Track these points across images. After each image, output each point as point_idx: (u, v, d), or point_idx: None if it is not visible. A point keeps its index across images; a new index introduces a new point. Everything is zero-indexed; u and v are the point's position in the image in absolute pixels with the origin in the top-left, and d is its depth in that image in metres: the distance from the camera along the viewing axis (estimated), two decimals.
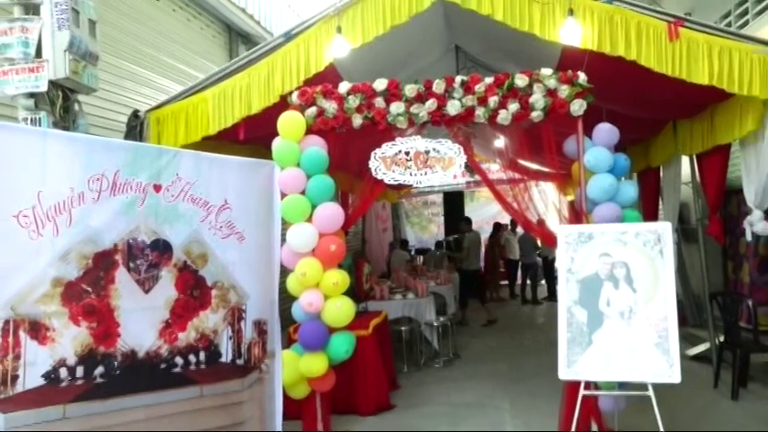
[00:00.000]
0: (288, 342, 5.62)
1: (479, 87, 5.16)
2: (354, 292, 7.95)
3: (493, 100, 5.12)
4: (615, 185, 5.03)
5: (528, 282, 14.08)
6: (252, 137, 5.72)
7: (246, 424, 4.79)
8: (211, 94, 5.65)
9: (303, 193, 5.20)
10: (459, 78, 5.25)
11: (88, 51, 4.82)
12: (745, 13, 8.62)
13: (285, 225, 5.19)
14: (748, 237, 5.70)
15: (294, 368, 5.18)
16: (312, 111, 5.34)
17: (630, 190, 5.22)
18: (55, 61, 4.56)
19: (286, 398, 5.12)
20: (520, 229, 13.63)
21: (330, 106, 5.33)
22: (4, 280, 3.66)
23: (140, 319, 4.23)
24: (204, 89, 5.72)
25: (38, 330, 3.76)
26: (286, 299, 5.27)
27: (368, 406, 6.24)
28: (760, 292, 8.33)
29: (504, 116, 5.13)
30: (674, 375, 4.33)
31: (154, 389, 4.25)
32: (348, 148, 5.60)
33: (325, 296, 5.16)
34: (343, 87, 5.35)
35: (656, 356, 4.39)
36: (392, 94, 5.28)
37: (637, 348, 4.45)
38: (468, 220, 12.40)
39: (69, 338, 3.88)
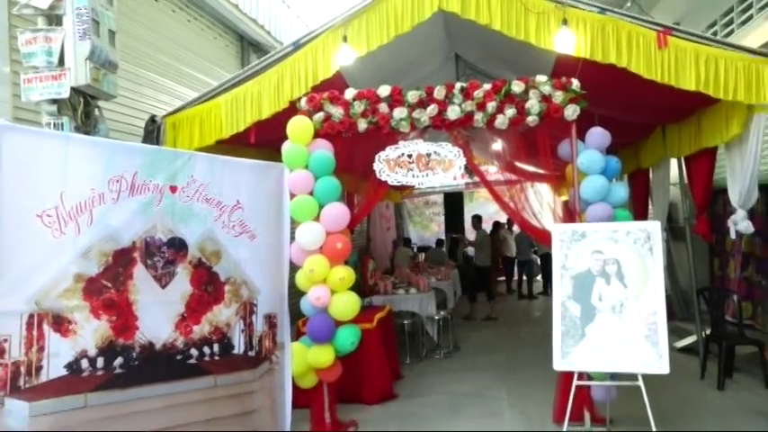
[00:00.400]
0: (297, 335, 5.62)
1: (478, 93, 5.15)
2: (360, 288, 7.95)
3: (491, 105, 5.11)
4: (607, 186, 5.03)
5: (524, 278, 14.06)
6: (263, 140, 5.73)
7: (258, 412, 4.80)
8: (224, 100, 5.66)
9: (311, 193, 5.21)
10: (458, 85, 5.25)
11: (108, 60, 4.82)
12: (731, 22, 8.60)
13: (294, 224, 5.19)
14: (732, 235, 5.69)
15: (303, 359, 5.18)
16: (320, 116, 5.35)
17: (621, 191, 5.21)
18: (77, 69, 4.58)
19: (295, 387, 5.12)
20: (516, 228, 13.59)
21: (337, 111, 5.33)
22: (29, 276, 3.67)
23: (157, 313, 4.24)
24: (217, 95, 5.74)
25: (60, 324, 3.78)
26: (295, 294, 5.27)
27: (372, 395, 6.24)
28: (742, 287, 8.35)
29: (501, 121, 5.12)
30: (662, 366, 4.33)
31: (170, 379, 4.26)
32: (354, 151, 5.60)
33: (332, 291, 5.17)
34: (349, 94, 5.36)
35: (646, 348, 4.39)
36: (395, 99, 5.28)
37: (627, 341, 4.44)
38: (479, 218, 12.24)
39: (90, 331, 3.89)
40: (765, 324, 7.51)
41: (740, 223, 5.45)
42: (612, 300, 4.56)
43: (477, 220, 12.15)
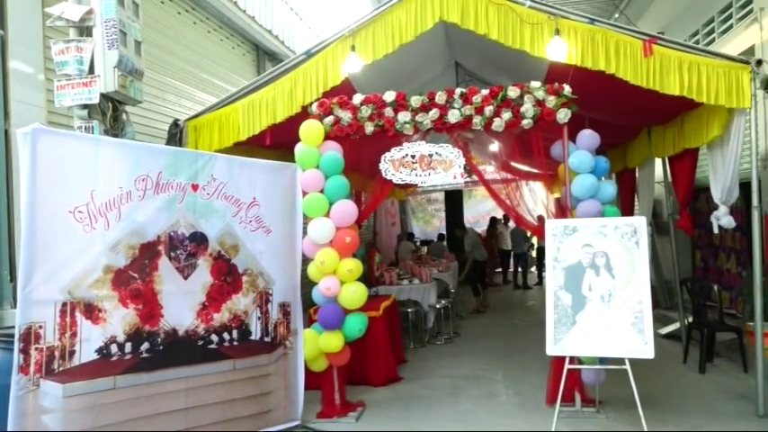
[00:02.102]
0: (309, 322, 5.63)
1: (476, 98, 5.13)
2: (367, 279, 7.94)
3: (488, 109, 5.09)
4: (596, 184, 5.01)
5: (519, 269, 14.03)
6: (277, 142, 5.73)
7: (273, 393, 4.82)
8: (242, 104, 5.66)
9: (322, 191, 5.20)
10: (458, 90, 5.23)
11: (134, 68, 4.83)
12: (712, 32, 8.55)
13: (306, 219, 5.19)
14: (715, 229, 5.66)
15: (314, 345, 5.19)
16: (330, 119, 5.34)
17: (610, 188, 5.19)
18: (105, 77, 4.59)
19: (307, 371, 5.14)
20: (511, 223, 13.55)
21: (345, 115, 5.32)
22: (62, 268, 3.69)
23: (180, 302, 4.26)
24: (235, 101, 5.73)
25: (91, 311, 3.80)
26: (307, 284, 5.27)
27: (379, 378, 6.23)
28: (723, 277, 8.31)
29: (498, 124, 5.10)
30: (648, 352, 4.31)
31: (192, 363, 4.28)
32: (361, 152, 5.58)
33: (342, 282, 5.16)
34: (357, 99, 5.34)
35: (633, 335, 4.37)
36: (400, 104, 5.27)
37: (615, 328, 4.43)
38: (463, 227, 12.09)
39: (119, 319, 3.91)
40: (745, 312, 7.47)
41: (722, 218, 5.42)
42: (601, 290, 4.55)
43: (461, 229, 11.88)
